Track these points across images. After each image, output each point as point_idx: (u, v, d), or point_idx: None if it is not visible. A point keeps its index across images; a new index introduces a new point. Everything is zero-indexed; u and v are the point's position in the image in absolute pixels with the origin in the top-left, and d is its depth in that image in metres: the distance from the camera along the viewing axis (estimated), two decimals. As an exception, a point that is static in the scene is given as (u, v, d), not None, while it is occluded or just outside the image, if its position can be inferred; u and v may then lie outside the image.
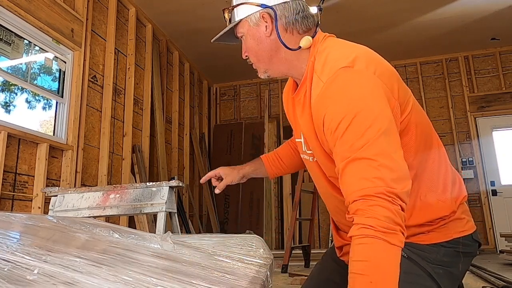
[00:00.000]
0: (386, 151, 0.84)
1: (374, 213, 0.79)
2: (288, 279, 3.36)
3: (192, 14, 4.90)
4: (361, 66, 0.92)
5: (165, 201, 2.15)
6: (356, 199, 0.82)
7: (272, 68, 1.08)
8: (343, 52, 0.97)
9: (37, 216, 1.12)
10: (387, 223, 0.78)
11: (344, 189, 0.87)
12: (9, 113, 3.25)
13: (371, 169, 0.82)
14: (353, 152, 0.85)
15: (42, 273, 0.68)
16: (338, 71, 0.92)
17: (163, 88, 5.26)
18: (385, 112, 0.88)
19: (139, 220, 4.02)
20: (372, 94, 0.89)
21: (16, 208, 2.92)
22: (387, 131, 0.86)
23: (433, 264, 0.96)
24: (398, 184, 0.82)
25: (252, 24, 1.04)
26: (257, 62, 1.08)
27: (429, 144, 1.03)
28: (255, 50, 1.06)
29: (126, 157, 4.22)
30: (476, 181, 5.80)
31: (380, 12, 4.93)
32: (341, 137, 0.88)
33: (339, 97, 0.90)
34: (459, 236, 1.00)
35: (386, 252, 0.77)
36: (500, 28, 5.52)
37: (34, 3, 3.16)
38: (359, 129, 0.85)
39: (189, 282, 0.77)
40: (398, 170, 0.83)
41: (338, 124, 0.88)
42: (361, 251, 0.79)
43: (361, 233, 0.79)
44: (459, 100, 6.18)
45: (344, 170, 0.86)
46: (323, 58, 0.98)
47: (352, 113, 0.86)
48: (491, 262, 4.32)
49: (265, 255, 1.14)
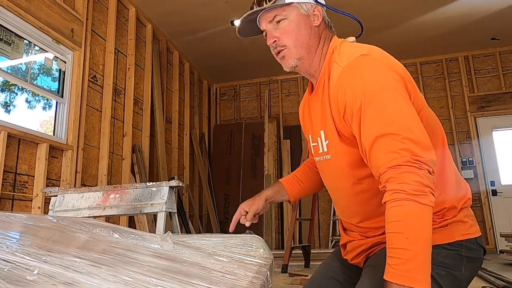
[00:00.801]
0: (408, 125, 0.90)
1: (404, 178, 0.86)
2: (288, 279, 3.35)
3: (192, 14, 4.90)
4: (376, 55, 1.02)
5: (165, 201, 2.15)
6: (386, 170, 0.89)
7: (307, 57, 1.11)
8: (359, 46, 1.07)
9: (37, 216, 1.12)
10: (417, 186, 0.85)
11: (373, 164, 0.93)
12: (9, 113, 3.25)
13: (396, 143, 0.89)
14: (377, 129, 0.92)
15: (42, 273, 0.67)
16: (357, 58, 1.00)
17: (163, 88, 5.26)
18: (401, 92, 0.95)
19: (139, 220, 4.02)
20: (388, 77, 0.97)
21: (16, 208, 2.92)
22: (405, 107, 0.93)
23: (434, 265, 0.96)
24: (423, 152, 0.88)
25: (303, 11, 1.11)
26: (293, 47, 1.10)
27: (434, 140, 1.03)
28: (296, 34, 1.09)
29: (126, 157, 4.22)
30: (476, 181, 5.80)
31: (380, 12, 4.93)
32: (363, 118, 0.94)
33: (359, 78, 0.97)
34: (462, 239, 1.00)
35: (418, 211, 0.84)
36: (500, 28, 5.52)
37: (34, 3, 3.16)
38: (379, 108, 0.92)
39: (189, 282, 0.77)
40: (420, 141, 0.90)
41: (360, 105, 0.95)
42: (395, 213, 0.86)
43: (394, 197, 0.86)
44: (459, 100, 6.18)
45: (372, 147, 0.93)
46: (338, 52, 1.08)
47: (371, 93, 0.94)
48: (491, 262, 4.32)
49: (265, 255, 1.14)
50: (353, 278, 1.13)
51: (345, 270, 1.19)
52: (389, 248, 0.85)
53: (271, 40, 1.12)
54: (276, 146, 6.57)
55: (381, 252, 1.02)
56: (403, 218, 0.85)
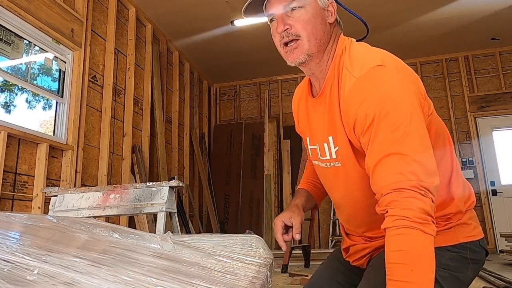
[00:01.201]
0: (418, 147, 0.87)
1: (409, 204, 0.82)
2: (288, 279, 3.35)
3: (192, 14, 4.90)
4: (392, 66, 0.96)
5: (165, 201, 2.15)
6: (390, 191, 0.85)
7: (316, 55, 1.03)
8: (371, 51, 1.01)
9: (37, 216, 1.12)
10: (421, 214, 0.81)
11: (376, 182, 0.89)
12: (9, 113, 3.25)
13: (404, 164, 0.85)
14: (387, 147, 0.87)
15: (42, 273, 0.67)
16: (373, 69, 0.94)
17: (163, 88, 5.26)
18: (417, 110, 0.91)
19: (139, 220, 4.02)
20: (404, 92, 0.92)
21: (16, 208, 2.92)
22: (418, 128, 0.89)
23: (438, 267, 0.95)
24: (429, 178, 0.84)
25: (320, 4, 1.04)
26: (307, 40, 1.01)
27: (442, 143, 1.04)
28: (312, 26, 1.01)
29: (126, 157, 4.21)
30: (476, 181, 5.79)
31: (380, 12, 4.93)
32: (374, 133, 0.90)
33: (373, 93, 0.91)
34: (466, 241, 1.00)
35: (423, 241, 0.80)
36: (500, 28, 5.52)
37: (34, 3, 3.16)
38: (393, 125, 0.88)
39: (189, 282, 0.77)
40: (428, 165, 0.86)
41: (372, 119, 0.90)
42: (399, 242, 0.81)
43: (397, 224, 0.82)
44: (459, 100, 6.18)
45: (377, 165, 0.88)
46: (348, 55, 1.01)
47: (386, 109, 0.89)
48: (491, 262, 4.32)
49: (265, 255, 1.14)
50: (353, 279, 1.12)
51: (345, 271, 1.18)
52: (390, 280, 0.81)
53: (282, 27, 1.01)
54: (276, 146, 6.57)
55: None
56: (407, 248, 0.80)
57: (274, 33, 1.05)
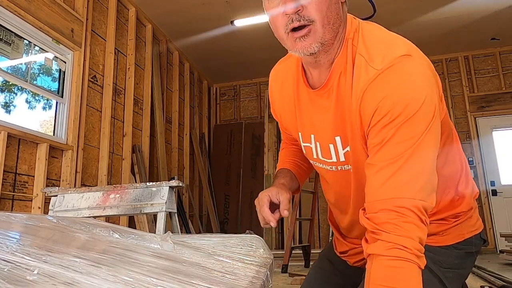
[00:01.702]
0: (429, 160, 0.77)
1: (408, 232, 0.70)
2: (288, 279, 3.35)
3: (192, 14, 4.90)
4: (418, 58, 0.83)
5: (165, 201, 2.15)
6: (389, 208, 0.73)
7: (330, 42, 0.84)
8: (390, 38, 0.87)
9: (37, 216, 1.12)
10: (419, 245, 0.71)
11: (373, 190, 0.77)
12: (9, 113, 3.25)
13: (413, 176, 0.74)
14: (398, 153, 0.76)
15: (42, 273, 0.67)
16: (398, 59, 0.80)
17: (163, 88, 5.25)
18: (438, 116, 0.80)
19: (139, 220, 4.02)
20: (431, 92, 0.79)
21: (16, 208, 2.92)
22: (435, 136, 0.79)
23: (444, 268, 0.92)
24: (430, 197, 0.75)
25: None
26: (321, 26, 0.81)
27: (451, 142, 0.97)
28: (326, 8, 0.81)
29: (126, 157, 4.22)
30: (476, 181, 5.69)
31: (380, 12, 4.90)
32: (392, 133, 0.77)
33: (400, 88, 0.78)
34: (471, 236, 0.97)
35: (418, 278, 0.70)
36: (500, 28, 5.52)
37: (34, 3, 3.16)
38: (413, 130, 0.76)
39: (189, 282, 0.77)
40: (433, 181, 0.77)
41: (394, 118, 0.77)
42: (392, 276, 0.69)
43: (394, 255, 0.69)
44: (459, 100, 6.18)
45: (381, 170, 0.77)
46: (362, 40, 0.86)
47: (412, 110, 0.76)
48: (491, 262, 4.32)
49: (265, 255, 1.14)
50: (351, 277, 1.09)
51: (338, 273, 1.14)
52: None
53: (293, 7, 0.79)
54: (276, 146, 6.56)
55: None
56: (401, 284, 0.68)
57: (277, 14, 0.82)
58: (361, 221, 0.78)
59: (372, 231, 0.74)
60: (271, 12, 0.84)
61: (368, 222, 0.75)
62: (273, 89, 1.08)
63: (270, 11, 0.84)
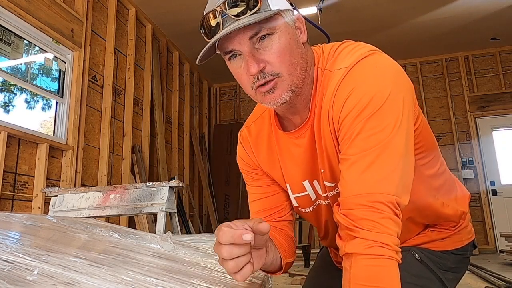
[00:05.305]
0: (402, 155, 0.73)
1: (387, 228, 0.68)
2: (288, 279, 3.35)
3: (192, 14, 4.89)
4: (385, 55, 0.81)
5: (165, 201, 2.15)
6: (365, 203, 0.70)
7: (300, 86, 0.81)
8: (354, 44, 0.84)
9: (37, 216, 1.12)
10: (398, 240, 0.69)
11: (347, 185, 0.74)
12: (8, 113, 3.26)
13: (387, 172, 0.71)
14: (369, 146, 0.72)
15: (42, 273, 0.67)
16: (364, 54, 0.78)
17: (163, 88, 5.26)
18: (410, 109, 0.77)
19: (139, 220, 4.02)
20: (401, 82, 0.77)
21: (16, 208, 2.92)
22: (408, 131, 0.75)
23: (443, 270, 0.97)
24: (405, 195, 0.73)
25: (289, 21, 0.79)
26: (288, 75, 0.78)
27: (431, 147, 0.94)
28: (290, 54, 0.77)
29: (126, 157, 4.22)
30: (476, 181, 5.80)
31: (380, 12, 4.93)
32: (360, 127, 0.73)
33: (368, 77, 0.75)
34: (468, 243, 1.02)
35: (398, 274, 0.67)
36: (500, 28, 5.52)
37: (34, 3, 3.16)
38: (382, 122, 0.73)
39: (189, 282, 0.77)
40: (408, 178, 0.75)
41: (361, 110, 0.73)
42: (376, 274, 0.66)
43: (374, 253, 0.67)
44: (459, 100, 6.18)
45: (353, 165, 0.73)
46: (325, 59, 0.84)
47: (379, 100, 0.73)
48: (491, 262, 4.32)
49: (265, 255, 1.14)
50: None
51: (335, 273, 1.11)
52: None
53: (256, 67, 0.76)
54: (276, 146, 6.57)
55: None
56: (385, 283, 0.66)
57: (241, 73, 0.80)
58: (335, 217, 0.75)
59: (348, 227, 0.71)
60: (235, 74, 0.83)
61: (344, 218, 0.72)
62: (252, 150, 0.98)
63: (234, 72, 0.83)
